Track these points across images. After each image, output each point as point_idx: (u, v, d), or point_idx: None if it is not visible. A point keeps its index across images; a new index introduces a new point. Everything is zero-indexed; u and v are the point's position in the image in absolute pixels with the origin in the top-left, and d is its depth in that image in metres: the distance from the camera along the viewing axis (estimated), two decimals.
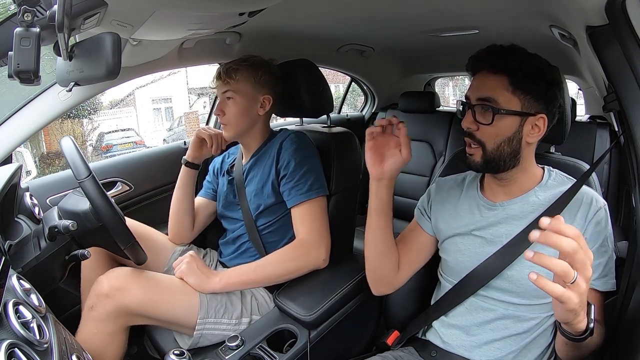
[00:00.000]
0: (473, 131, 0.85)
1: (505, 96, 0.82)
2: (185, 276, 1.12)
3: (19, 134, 1.16)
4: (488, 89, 0.84)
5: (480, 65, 0.86)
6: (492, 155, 0.85)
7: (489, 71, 0.85)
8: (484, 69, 0.86)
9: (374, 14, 1.40)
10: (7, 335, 0.57)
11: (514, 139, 0.84)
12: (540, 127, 0.84)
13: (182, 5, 0.82)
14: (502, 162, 0.85)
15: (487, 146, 0.85)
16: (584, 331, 0.66)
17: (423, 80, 2.79)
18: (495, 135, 0.84)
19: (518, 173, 0.89)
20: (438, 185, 1.06)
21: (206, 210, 1.42)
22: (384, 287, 1.05)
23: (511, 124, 0.83)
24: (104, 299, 1.02)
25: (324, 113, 1.50)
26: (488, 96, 0.83)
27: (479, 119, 0.84)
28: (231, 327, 1.12)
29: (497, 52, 0.84)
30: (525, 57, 0.84)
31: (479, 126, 0.84)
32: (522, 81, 0.82)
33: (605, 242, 0.84)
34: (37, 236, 0.94)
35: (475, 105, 0.85)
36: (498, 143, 0.84)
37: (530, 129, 0.84)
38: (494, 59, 0.84)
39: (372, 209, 0.96)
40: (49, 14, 0.62)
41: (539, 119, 0.84)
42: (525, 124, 0.84)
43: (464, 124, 0.86)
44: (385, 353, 1.01)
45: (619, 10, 0.71)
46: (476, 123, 0.85)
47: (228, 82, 1.23)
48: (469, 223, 0.94)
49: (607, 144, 1.71)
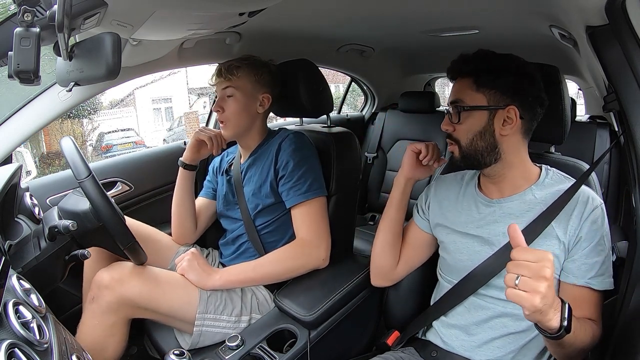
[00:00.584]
0: (450, 132, 0.92)
1: (470, 95, 0.89)
2: (186, 272, 1.13)
3: (19, 134, 1.16)
4: (456, 91, 0.91)
5: (452, 74, 0.94)
6: (467, 150, 0.90)
7: (459, 77, 0.92)
8: (455, 76, 0.93)
9: (374, 14, 1.40)
10: (7, 335, 0.57)
11: (485, 133, 0.88)
12: (513, 118, 0.87)
13: (182, 5, 0.82)
14: (480, 156, 0.89)
15: (461, 142, 0.91)
16: (558, 329, 0.68)
17: (423, 80, 2.79)
18: (467, 131, 0.89)
19: (505, 169, 0.91)
20: (438, 182, 1.07)
21: (208, 210, 1.42)
22: (381, 280, 1.11)
23: (479, 119, 0.88)
24: (104, 290, 1.03)
25: (323, 113, 1.50)
26: (456, 98, 0.90)
27: (453, 119, 0.91)
28: (231, 324, 1.12)
29: (463, 59, 0.91)
30: (490, 57, 0.89)
31: (455, 127, 0.91)
32: (485, 78, 0.87)
33: (601, 241, 0.84)
34: (37, 236, 0.94)
35: (449, 108, 0.92)
36: (470, 138, 0.89)
37: (502, 122, 0.88)
38: (461, 65, 0.91)
39: (394, 202, 1.07)
40: (49, 14, 0.62)
41: (509, 110, 0.87)
42: (496, 118, 0.87)
43: (442, 126, 0.94)
44: (386, 353, 1.01)
45: (619, 10, 0.71)
46: (452, 124, 0.91)
47: (229, 79, 1.23)
48: (467, 221, 0.95)
49: (607, 144, 1.72)
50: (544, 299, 0.64)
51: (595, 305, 0.84)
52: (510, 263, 0.67)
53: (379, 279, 1.11)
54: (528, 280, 0.64)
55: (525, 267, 0.65)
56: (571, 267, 0.84)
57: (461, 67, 0.92)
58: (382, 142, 2.42)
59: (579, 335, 0.74)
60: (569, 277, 0.84)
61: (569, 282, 0.84)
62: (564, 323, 0.68)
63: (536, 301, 0.64)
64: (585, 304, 0.83)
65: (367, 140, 2.52)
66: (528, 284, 0.64)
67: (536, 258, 0.65)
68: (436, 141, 2.23)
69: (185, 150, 1.34)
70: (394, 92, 2.55)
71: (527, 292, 0.64)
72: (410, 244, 1.07)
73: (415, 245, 1.07)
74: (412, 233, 1.08)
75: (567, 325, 0.68)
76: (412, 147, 1.03)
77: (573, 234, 0.84)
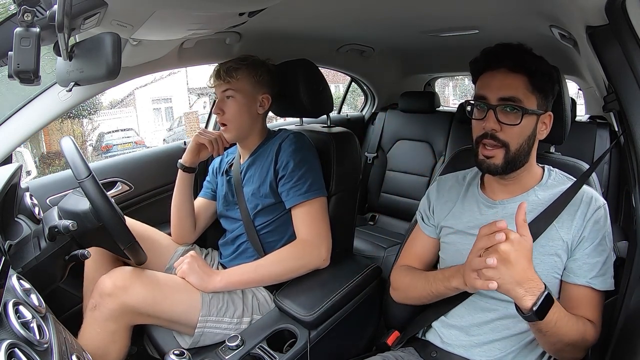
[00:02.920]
0: (496, 132, 0.83)
1: (527, 95, 0.83)
2: (186, 275, 1.13)
3: (19, 134, 1.16)
4: (511, 88, 0.82)
5: (499, 63, 0.84)
6: (515, 154, 0.85)
7: (509, 70, 0.83)
8: (503, 67, 0.83)
9: (374, 14, 1.40)
10: (7, 335, 0.57)
11: (531, 137, 0.86)
12: (547, 124, 0.87)
13: (182, 5, 0.82)
14: (519, 161, 0.86)
15: (511, 146, 0.83)
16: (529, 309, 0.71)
17: (423, 80, 2.79)
18: (520, 134, 0.84)
19: (524, 171, 0.90)
20: (439, 184, 1.05)
21: (207, 211, 1.42)
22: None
23: (532, 123, 0.85)
24: (107, 298, 1.02)
25: (323, 113, 1.50)
26: (512, 95, 0.82)
27: (503, 119, 0.83)
28: (232, 326, 1.12)
29: (514, 50, 0.84)
30: (537, 57, 0.86)
31: (503, 127, 0.83)
32: (539, 80, 0.83)
33: (603, 241, 0.84)
34: (37, 236, 0.94)
35: (497, 105, 0.83)
36: (521, 142, 0.84)
37: (541, 127, 0.87)
38: (514, 57, 0.83)
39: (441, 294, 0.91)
40: (49, 14, 0.62)
41: (547, 116, 0.87)
42: (539, 122, 0.86)
43: (489, 125, 0.83)
44: (386, 353, 1.01)
45: (619, 10, 0.71)
46: (500, 124, 0.83)
47: (228, 81, 1.23)
48: (470, 221, 0.94)
49: (607, 144, 1.71)
50: (492, 271, 0.70)
51: (595, 306, 0.83)
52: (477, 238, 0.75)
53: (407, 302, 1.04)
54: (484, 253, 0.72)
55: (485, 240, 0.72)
56: (573, 267, 0.84)
57: (514, 59, 0.83)
58: (382, 142, 2.42)
59: (563, 328, 0.75)
60: (570, 276, 0.84)
61: (570, 282, 0.85)
62: (534, 308, 0.70)
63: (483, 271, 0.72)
64: (586, 304, 0.83)
65: (367, 140, 2.52)
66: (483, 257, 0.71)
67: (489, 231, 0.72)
68: (436, 141, 2.27)
69: (185, 152, 1.34)
70: (394, 92, 2.55)
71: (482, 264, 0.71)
72: (424, 255, 1.04)
73: (429, 254, 1.04)
74: (421, 243, 1.04)
75: (537, 311, 0.70)
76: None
77: (576, 234, 0.84)
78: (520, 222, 0.73)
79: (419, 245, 1.05)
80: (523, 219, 0.73)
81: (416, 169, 2.26)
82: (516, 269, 0.70)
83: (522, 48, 0.85)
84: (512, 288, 0.71)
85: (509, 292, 0.71)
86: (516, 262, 0.70)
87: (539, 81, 0.83)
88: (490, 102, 0.84)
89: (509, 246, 0.70)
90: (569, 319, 0.76)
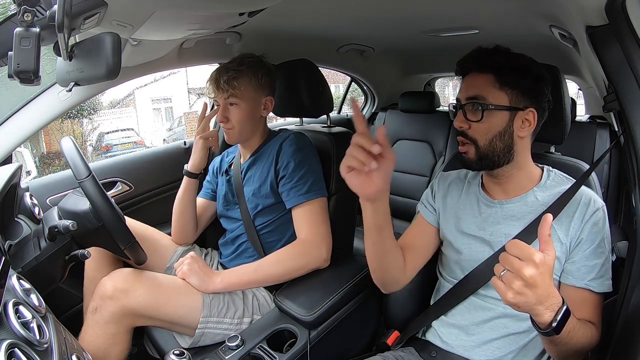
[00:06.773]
0: (465, 129, 0.88)
1: (493, 92, 0.85)
2: (187, 277, 1.13)
3: (19, 134, 1.16)
4: (476, 87, 0.86)
5: (468, 66, 0.89)
6: (485, 151, 0.87)
7: (476, 71, 0.87)
8: (472, 69, 0.88)
9: (374, 14, 1.40)
10: (7, 335, 0.57)
11: (505, 134, 0.86)
12: (531, 120, 0.87)
13: (182, 5, 0.82)
14: (496, 157, 0.87)
15: (479, 142, 0.87)
16: (548, 325, 0.68)
17: (423, 80, 2.79)
18: (487, 131, 0.86)
19: (513, 169, 0.90)
20: (441, 179, 1.06)
21: (207, 211, 1.43)
22: (392, 287, 1.02)
23: (501, 119, 0.85)
24: (108, 300, 1.02)
25: (324, 113, 1.50)
26: (476, 94, 0.86)
27: (470, 117, 0.87)
28: (233, 326, 1.12)
29: (482, 52, 0.88)
30: (510, 55, 0.87)
31: (470, 124, 0.87)
32: (508, 76, 0.84)
33: (602, 244, 0.84)
34: (37, 236, 0.94)
35: (465, 104, 0.87)
36: (490, 138, 0.86)
37: (520, 124, 0.86)
38: (480, 58, 0.87)
39: (372, 227, 0.85)
40: (49, 14, 0.62)
41: (528, 112, 0.86)
42: (516, 119, 0.86)
43: (456, 123, 0.89)
44: (386, 353, 1.01)
45: (618, 10, 0.71)
46: (467, 121, 0.87)
47: (231, 92, 1.21)
48: (469, 220, 0.95)
49: (607, 144, 1.72)
50: (518, 296, 0.64)
51: (594, 308, 0.83)
52: (503, 254, 0.67)
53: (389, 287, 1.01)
54: (509, 274, 0.65)
55: (510, 262, 0.65)
56: (571, 269, 0.84)
57: (481, 60, 0.87)
58: None
59: (575, 337, 0.73)
60: (568, 278, 0.84)
61: (568, 284, 0.84)
62: (553, 324, 0.68)
63: (508, 296, 0.64)
64: (585, 306, 0.83)
65: None
66: (507, 277, 0.65)
67: (523, 255, 0.64)
68: (436, 141, 2.27)
69: (194, 157, 1.33)
70: (394, 92, 2.55)
71: (505, 286, 0.65)
72: (418, 243, 1.02)
73: (424, 243, 1.02)
74: (419, 231, 1.03)
75: (556, 327, 0.68)
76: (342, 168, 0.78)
77: (574, 236, 0.84)
78: (545, 238, 0.67)
79: (414, 230, 1.04)
80: (548, 233, 0.67)
81: (416, 169, 2.26)
82: (541, 290, 0.65)
83: (491, 49, 0.88)
84: (535, 307, 0.67)
85: (531, 311, 0.68)
86: (542, 283, 0.65)
87: (507, 76, 0.84)
88: (461, 102, 0.89)
89: (534, 271, 0.64)
90: (579, 327, 0.75)
